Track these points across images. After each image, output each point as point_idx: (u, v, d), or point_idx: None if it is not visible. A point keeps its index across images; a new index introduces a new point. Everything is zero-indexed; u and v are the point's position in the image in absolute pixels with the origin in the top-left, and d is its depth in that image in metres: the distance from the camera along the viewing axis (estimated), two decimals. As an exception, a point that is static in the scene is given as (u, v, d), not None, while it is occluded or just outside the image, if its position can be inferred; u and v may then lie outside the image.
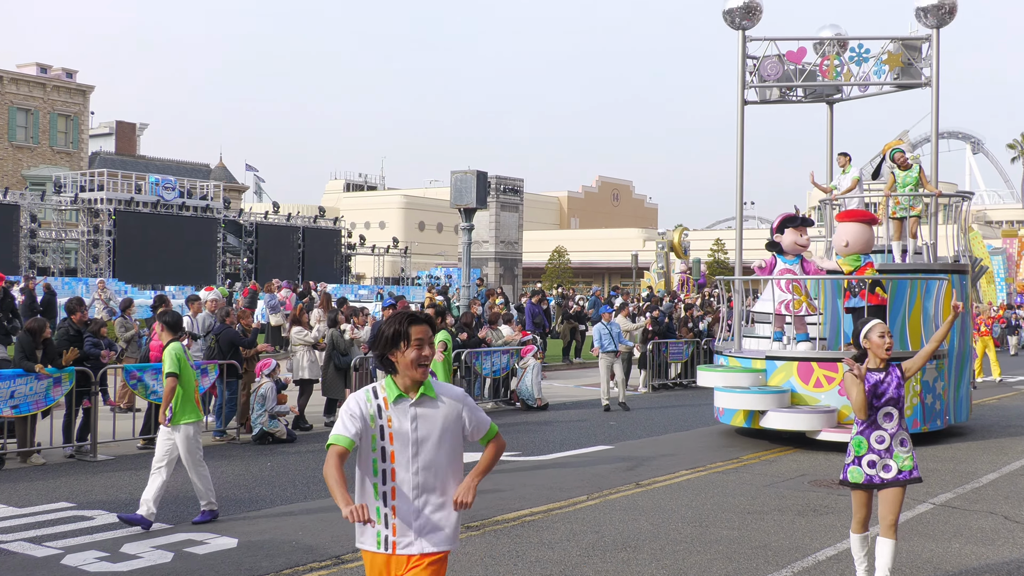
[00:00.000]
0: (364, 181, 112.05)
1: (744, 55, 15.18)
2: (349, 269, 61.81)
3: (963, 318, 15.32)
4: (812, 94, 16.84)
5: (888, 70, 15.16)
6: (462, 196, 23.90)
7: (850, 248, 13.27)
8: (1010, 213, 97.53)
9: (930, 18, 14.97)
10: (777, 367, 14.08)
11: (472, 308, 22.57)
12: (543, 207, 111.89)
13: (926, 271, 14.83)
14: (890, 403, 6.48)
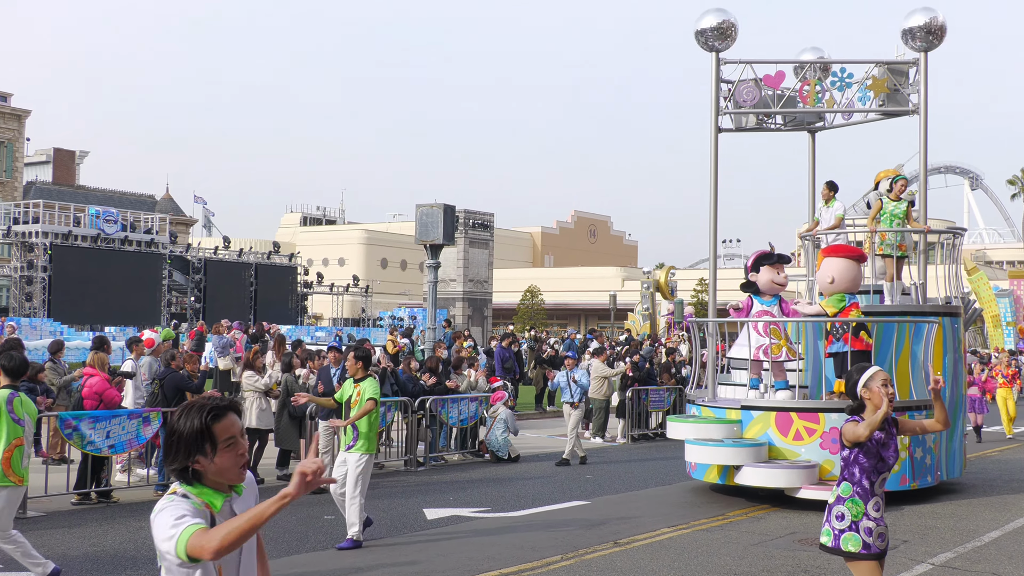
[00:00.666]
0: (322, 215, 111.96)
1: (718, 79, 15.00)
2: (305, 309, 61.57)
3: (956, 364, 15.15)
4: (792, 122, 16.65)
5: (873, 96, 15.00)
6: (428, 231, 23.92)
7: (835, 285, 13.13)
8: (1011, 253, 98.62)
9: (917, 41, 14.73)
10: (753, 418, 13.80)
11: (437, 351, 22.52)
12: (515, 244, 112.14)
13: (915, 313, 14.65)
14: (888, 469, 6.35)
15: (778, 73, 15.28)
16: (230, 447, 3.65)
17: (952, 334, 14.90)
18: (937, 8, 14.75)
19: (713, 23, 14.81)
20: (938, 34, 14.88)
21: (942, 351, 14.58)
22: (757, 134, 17.08)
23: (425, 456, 17.84)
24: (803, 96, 15.04)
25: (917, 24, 14.71)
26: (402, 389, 18.00)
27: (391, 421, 17.59)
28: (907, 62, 15.02)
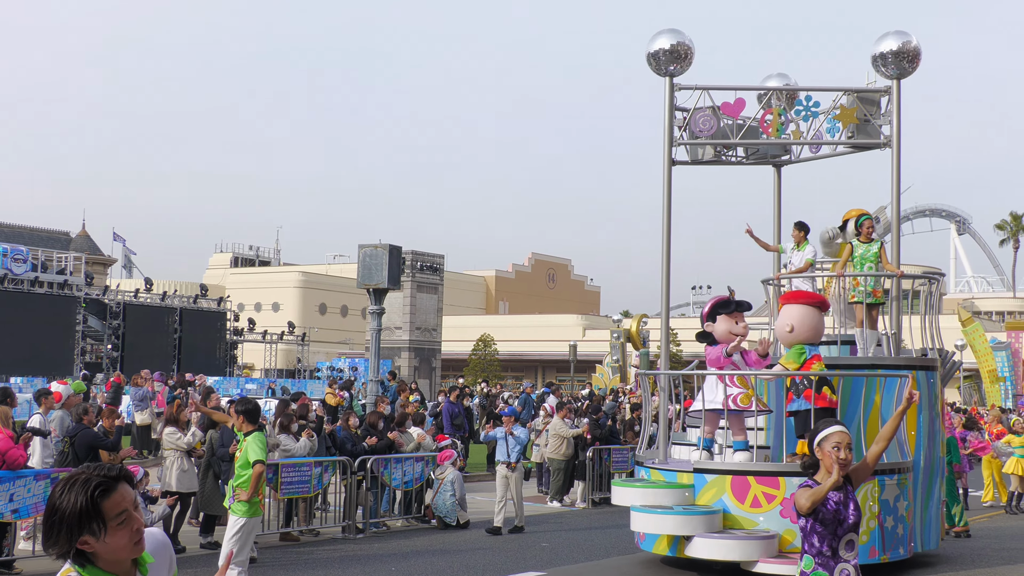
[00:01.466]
0: (255, 255, 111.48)
1: (672, 106, 14.40)
2: (235, 358, 61.07)
3: (932, 422, 14.92)
4: (755, 154, 16.22)
5: (842, 127, 14.68)
6: (371, 274, 23.86)
7: (795, 335, 12.62)
8: (1001, 303, 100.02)
9: (889, 67, 14.36)
10: (707, 482, 13.31)
11: (380, 406, 22.39)
12: (467, 288, 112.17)
13: (886, 366, 14.26)
14: (852, 529, 6.32)
15: (738, 101, 14.69)
16: (122, 525, 3.46)
17: (928, 389, 14.54)
18: (911, 32, 14.58)
19: (666, 45, 14.46)
20: (911, 60, 14.54)
21: (916, 408, 14.31)
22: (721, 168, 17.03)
23: (365, 522, 17.67)
24: (765, 127, 14.63)
25: (889, 49, 14.39)
26: (340, 447, 17.85)
27: (328, 483, 17.42)
28: (878, 90, 14.66)
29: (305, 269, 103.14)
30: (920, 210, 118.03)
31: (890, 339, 14.81)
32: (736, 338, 12.72)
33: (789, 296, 13.28)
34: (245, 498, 11.03)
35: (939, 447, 14.91)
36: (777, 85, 15.33)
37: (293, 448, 16.94)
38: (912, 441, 13.92)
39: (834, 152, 15.76)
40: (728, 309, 12.88)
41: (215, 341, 57.80)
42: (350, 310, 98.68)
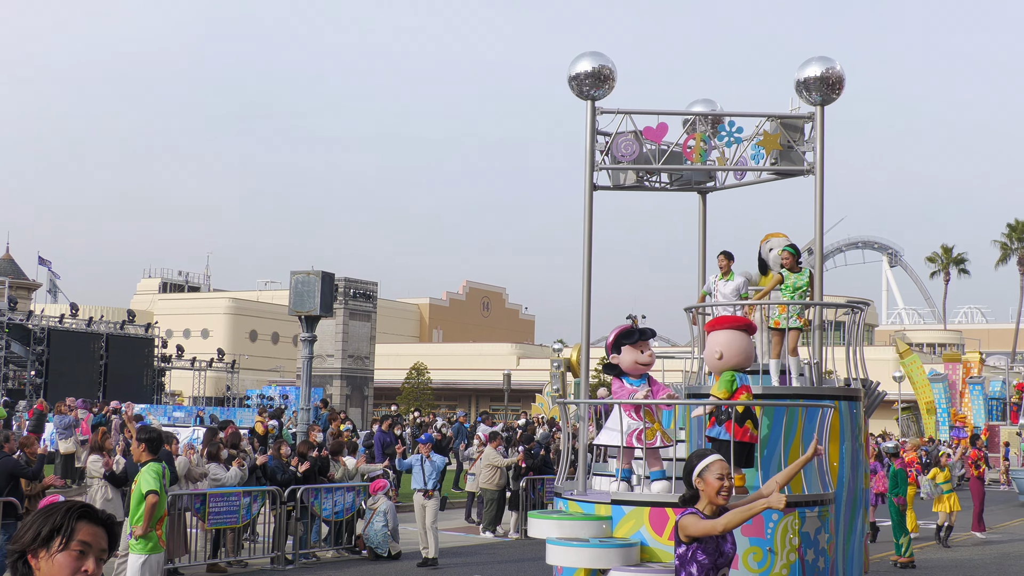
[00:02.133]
0: (185, 281, 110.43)
1: (593, 130, 14.15)
2: (163, 386, 60.39)
3: (855, 453, 14.92)
4: (679, 180, 16.04)
5: (765, 154, 14.49)
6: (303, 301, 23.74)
7: (725, 361, 12.20)
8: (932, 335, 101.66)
9: (813, 93, 14.20)
10: (624, 514, 12.98)
11: (311, 435, 22.23)
12: (400, 316, 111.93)
13: (809, 396, 14.03)
14: (728, 563, 6.38)
15: (660, 126, 14.45)
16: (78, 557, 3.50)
17: (851, 420, 14.41)
18: (835, 58, 14.67)
19: (588, 68, 14.28)
20: (835, 86, 14.46)
21: (839, 439, 13.93)
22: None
23: (295, 552, 17.50)
24: (688, 152, 14.40)
25: (812, 75, 14.20)
26: (270, 477, 17.69)
27: (257, 513, 17.24)
28: (802, 116, 14.50)
29: (236, 295, 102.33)
30: (853, 242, 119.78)
31: (812, 368, 14.64)
32: (643, 368, 12.57)
33: (715, 322, 12.90)
34: (140, 533, 10.71)
35: (862, 478, 14.75)
36: (702, 110, 15.23)
37: (223, 477, 16.76)
38: (834, 472, 13.76)
39: (758, 179, 15.50)
40: (632, 339, 12.61)
41: (142, 368, 57.14)
42: (281, 337, 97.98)
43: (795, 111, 14.56)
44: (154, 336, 59.50)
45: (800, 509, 12.27)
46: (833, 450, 13.64)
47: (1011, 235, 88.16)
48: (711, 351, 12.31)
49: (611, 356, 12.70)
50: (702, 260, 16.53)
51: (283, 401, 51.25)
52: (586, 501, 13.41)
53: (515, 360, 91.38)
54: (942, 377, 52.20)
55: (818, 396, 13.99)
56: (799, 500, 12.46)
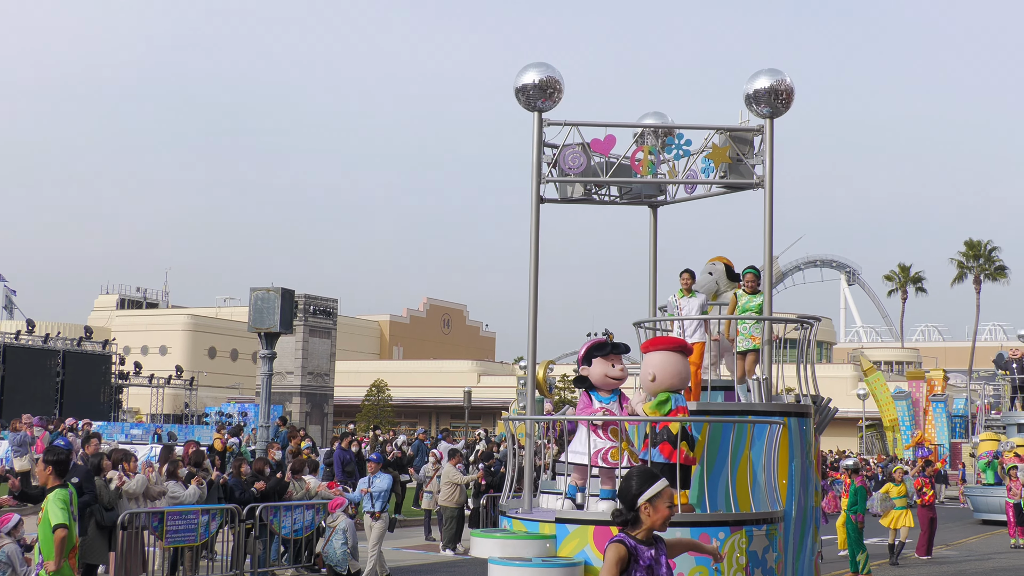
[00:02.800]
0: (143, 297, 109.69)
1: (540, 142, 13.81)
2: (120, 403, 59.95)
3: (805, 471, 13.94)
4: (628, 194, 15.72)
5: (714, 167, 14.26)
6: (263, 318, 23.67)
7: (658, 383, 11.88)
8: (890, 353, 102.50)
9: (762, 106, 13.94)
10: (569, 532, 12.50)
11: (270, 453, 22.15)
12: (361, 333, 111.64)
13: (757, 413, 13.68)
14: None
15: (608, 138, 14.13)
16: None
17: (800, 436, 14.09)
18: (784, 71, 14.60)
19: (535, 79, 13.86)
20: (785, 98, 13.89)
21: (788, 456, 13.65)
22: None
23: (253, 571, 17.45)
24: (636, 165, 14.15)
25: (762, 87, 13.95)
26: (228, 495, 17.61)
27: (215, 532, 17.16)
28: (751, 129, 14.24)
29: (194, 312, 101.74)
30: (811, 260, 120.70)
31: (760, 385, 14.31)
32: (613, 383, 12.36)
33: (650, 343, 12.60)
34: (53, 568, 10.23)
35: (812, 496, 14.43)
36: (648, 123, 15.03)
37: (182, 495, 16.68)
38: (783, 490, 13.25)
39: (709, 192, 15.21)
40: (604, 352, 12.34)
41: (99, 385, 56.73)
42: (240, 354, 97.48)
43: (745, 124, 14.19)
44: (111, 353, 59.06)
45: (748, 527, 12.12)
46: (783, 468, 13.51)
47: (967, 254, 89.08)
48: (645, 372, 12.07)
49: (581, 368, 12.56)
50: (653, 275, 16.23)
51: (242, 418, 50.99)
52: (530, 519, 13.06)
53: (476, 377, 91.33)
54: (905, 395, 52.48)
55: (767, 413, 13.76)
56: (747, 518, 12.33)
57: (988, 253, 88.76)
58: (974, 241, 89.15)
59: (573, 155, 13.92)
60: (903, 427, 51.99)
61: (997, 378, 40.34)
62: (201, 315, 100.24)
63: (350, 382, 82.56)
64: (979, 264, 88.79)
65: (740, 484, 12.89)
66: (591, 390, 12.36)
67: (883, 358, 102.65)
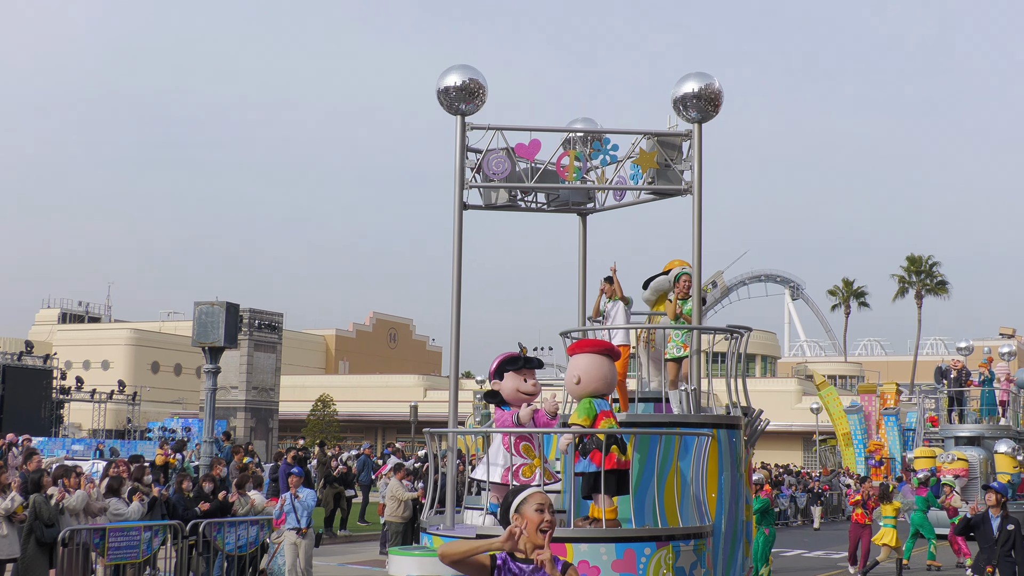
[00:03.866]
0: (85, 311, 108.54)
1: (463, 146, 13.34)
2: (62, 418, 59.25)
3: (735, 484, 13.51)
4: (556, 200, 15.26)
5: (642, 172, 13.86)
6: (207, 332, 23.52)
7: (583, 386, 11.54)
8: (833, 367, 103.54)
9: (691, 110, 13.56)
10: None
11: (215, 469, 21.97)
12: (306, 347, 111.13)
13: (686, 424, 13.19)
14: None
15: (533, 143, 13.64)
16: None
17: (730, 448, 13.62)
18: (713, 75, 13.64)
19: (457, 81, 13.15)
20: (713, 103, 13.53)
21: (717, 469, 13.22)
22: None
23: (196, 588, 17.26)
24: (561, 171, 13.68)
25: (690, 91, 13.57)
26: (171, 511, 17.46)
27: (157, 548, 17.00)
28: (679, 134, 13.87)
29: (137, 326, 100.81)
30: (756, 275, 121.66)
31: (689, 395, 13.80)
32: (525, 397, 11.92)
33: (576, 346, 12.20)
34: None
35: (742, 510, 13.93)
36: (575, 128, 14.61)
37: (125, 512, 16.53)
38: (712, 504, 12.96)
39: (638, 199, 14.86)
40: (516, 366, 12.00)
41: (40, 400, 56.08)
42: (184, 369, 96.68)
43: (673, 128, 13.87)
44: (53, 368, 58.39)
45: (675, 542, 11.70)
46: (712, 481, 13.11)
47: (909, 269, 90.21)
48: (570, 375, 11.74)
49: (493, 382, 12.20)
50: (582, 284, 15.75)
51: (185, 433, 50.58)
52: (451, 536, 12.51)
53: (422, 392, 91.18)
54: (857, 409, 52.87)
55: (696, 424, 13.30)
56: (673, 533, 11.85)
57: (929, 268, 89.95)
58: (916, 256, 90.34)
59: (497, 160, 13.56)
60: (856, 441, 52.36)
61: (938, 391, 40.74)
62: (144, 329, 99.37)
63: (295, 397, 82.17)
64: (920, 279, 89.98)
65: (668, 498, 12.46)
66: (503, 405, 12.01)
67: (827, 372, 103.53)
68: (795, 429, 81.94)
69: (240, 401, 57.30)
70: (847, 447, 52.60)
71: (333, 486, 29.72)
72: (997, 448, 32.92)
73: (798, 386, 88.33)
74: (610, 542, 10.62)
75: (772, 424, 76.06)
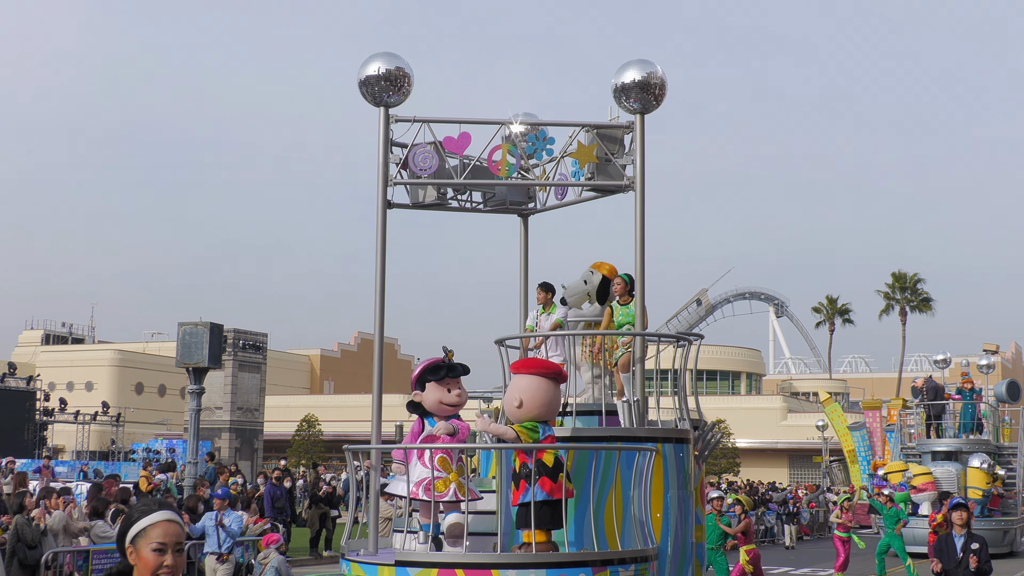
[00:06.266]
0: (68, 332, 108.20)
1: (387, 140, 12.49)
2: (45, 440, 58.99)
3: (682, 503, 12.46)
4: (492, 199, 14.28)
5: (580, 167, 12.93)
6: (191, 353, 23.51)
7: (524, 410, 10.47)
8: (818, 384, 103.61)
9: (632, 100, 12.77)
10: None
11: (199, 490, 21.91)
12: (291, 367, 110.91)
13: (628, 439, 12.23)
14: None
15: (462, 136, 12.82)
16: None
17: (677, 464, 12.57)
18: (655, 63, 12.82)
19: (381, 70, 12.35)
20: (656, 92, 12.74)
21: (663, 486, 12.24)
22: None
23: (181, 609, 17.15)
24: (494, 166, 12.75)
25: (631, 80, 12.73)
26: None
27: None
28: (620, 126, 13.03)
29: (121, 347, 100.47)
30: (740, 293, 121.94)
31: (632, 407, 12.70)
32: (449, 409, 10.95)
33: (520, 365, 11.13)
34: None
35: (691, 531, 12.89)
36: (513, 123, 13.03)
37: (112, 534, 16.45)
38: (657, 524, 12.04)
39: (579, 197, 13.91)
40: (438, 375, 11.07)
41: (23, 422, 55.92)
42: (168, 390, 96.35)
43: (614, 120, 13.14)
44: (36, 389, 58.21)
45: (613, 568, 10.81)
46: (657, 500, 12.15)
47: (894, 286, 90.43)
48: (511, 396, 10.65)
49: (414, 393, 11.34)
50: (523, 289, 14.87)
51: (170, 455, 50.42)
52: (371, 563, 11.53)
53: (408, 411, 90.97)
54: (860, 425, 52.67)
55: (638, 438, 12.29)
56: (612, 557, 10.91)
57: (914, 285, 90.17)
58: (900, 273, 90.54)
59: (424, 155, 12.63)
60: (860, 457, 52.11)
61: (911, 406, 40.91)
62: (128, 350, 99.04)
63: (280, 417, 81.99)
64: (905, 296, 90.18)
65: (607, 519, 11.54)
66: (426, 416, 11.06)
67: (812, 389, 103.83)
68: (780, 446, 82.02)
69: (225, 422, 57.16)
70: (853, 464, 52.37)
71: (319, 506, 29.66)
72: (970, 462, 32.86)
73: (783, 403, 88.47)
74: (541, 568, 9.95)
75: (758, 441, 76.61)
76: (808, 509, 44.42)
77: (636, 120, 12.84)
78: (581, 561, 10.17)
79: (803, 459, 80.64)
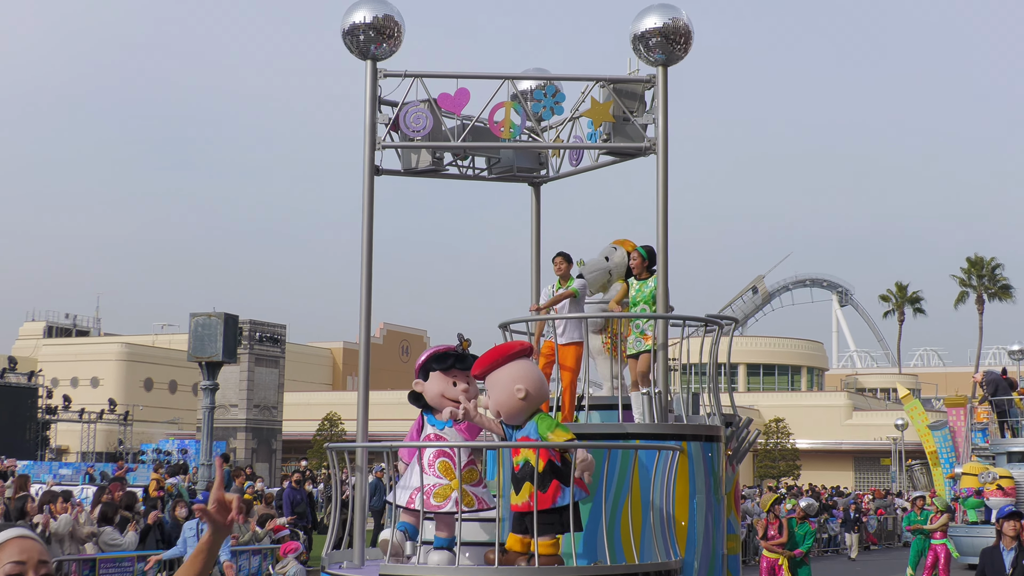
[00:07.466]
0: (73, 325, 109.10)
1: (375, 97, 11.92)
2: (47, 440, 59.55)
3: (711, 509, 11.96)
4: (498, 165, 13.60)
5: (595, 127, 12.29)
6: (204, 346, 23.64)
7: (531, 400, 9.90)
8: (886, 379, 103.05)
9: (653, 51, 12.04)
10: None
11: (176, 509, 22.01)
12: (312, 361, 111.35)
13: (649, 436, 11.70)
14: None
15: (460, 92, 12.21)
16: None
17: (705, 465, 11.95)
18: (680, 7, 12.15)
19: (368, 18, 11.77)
20: (681, 41, 12.08)
21: (689, 492, 11.64)
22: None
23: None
24: (495, 126, 12.07)
25: (653, 26, 12.00)
26: (167, 540, 17.53)
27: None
28: (640, 80, 12.32)
29: (129, 340, 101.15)
30: (800, 280, 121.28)
31: (655, 399, 12.00)
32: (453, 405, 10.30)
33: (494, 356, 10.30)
34: None
35: (722, 541, 12.33)
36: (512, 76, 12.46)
37: (123, 542, 16.59)
38: (682, 534, 11.53)
39: (595, 163, 13.18)
40: (444, 364, 10.60)
41: (25, 420, 56.43)
42: (179, 386, 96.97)
43: (633, 74, 12.52)
44: (38, 385, 58.72)
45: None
46: (682, 506, 11.65)
47: (969, 271, 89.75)
48: (509, 390, 9.94)
49: (416, 383, 10.87)
50: (535, 263, 14.34)
51: (181, 456, 50.75)
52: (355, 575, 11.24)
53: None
54: (942, 424, 51.87)
55: (660, 436, 11.75)
56: (628, 571, 10.54)
57: (991, 271, 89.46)
58: (976, 258, 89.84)
59: (416, 114, 11.97)
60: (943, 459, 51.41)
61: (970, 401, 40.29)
62: (136, 343, 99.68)
63: (300, 415, 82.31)
64: (982, 283, 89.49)
65: (623, 528, 11.11)
66: (427, 411, 10.69)
67: (879, 384, 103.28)
68: (845, 447, 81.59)
69: (240, 420, 57.44)
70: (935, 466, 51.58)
71: (342, 512, 29.75)
72: None
73: (848, 400, 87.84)
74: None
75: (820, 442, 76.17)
76: (876, 516, 44.20)
77: (658, 73, 12.18)
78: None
79: (870, 461, 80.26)
